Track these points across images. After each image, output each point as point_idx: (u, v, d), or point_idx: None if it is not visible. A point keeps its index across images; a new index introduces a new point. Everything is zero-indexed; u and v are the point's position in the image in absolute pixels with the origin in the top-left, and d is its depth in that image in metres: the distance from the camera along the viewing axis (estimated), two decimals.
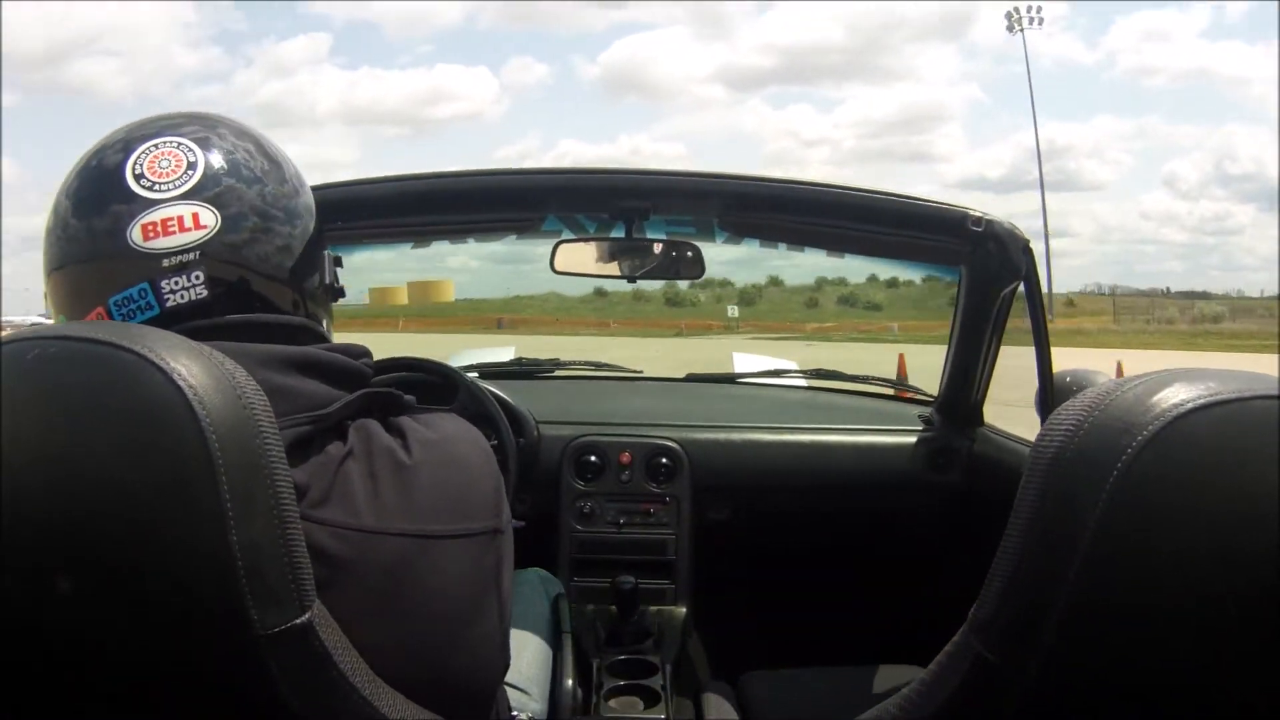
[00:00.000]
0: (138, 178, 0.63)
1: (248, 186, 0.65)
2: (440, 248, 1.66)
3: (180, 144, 0.65)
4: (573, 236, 1.62)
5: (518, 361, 2.30)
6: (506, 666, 0.72)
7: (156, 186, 0.62)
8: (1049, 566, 0.47)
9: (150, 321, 0.61)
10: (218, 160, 0.65)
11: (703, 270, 1.55)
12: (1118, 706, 0.49)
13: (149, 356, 0.48)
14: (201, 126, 0.67)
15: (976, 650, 0.50)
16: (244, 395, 0.50)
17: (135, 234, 0.61)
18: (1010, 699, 0.49)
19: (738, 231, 1.56)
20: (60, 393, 0.48)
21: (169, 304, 0.62)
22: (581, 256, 1.58)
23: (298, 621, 0.50)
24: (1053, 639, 0.47)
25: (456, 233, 1.55)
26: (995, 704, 0.50)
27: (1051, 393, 1.46)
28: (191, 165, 0.64)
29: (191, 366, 0.48)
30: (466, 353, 2.54)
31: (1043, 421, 0.52)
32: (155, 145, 0.64)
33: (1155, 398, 0.47)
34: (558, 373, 2.23)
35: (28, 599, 0.48)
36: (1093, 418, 0.48)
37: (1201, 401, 0.46)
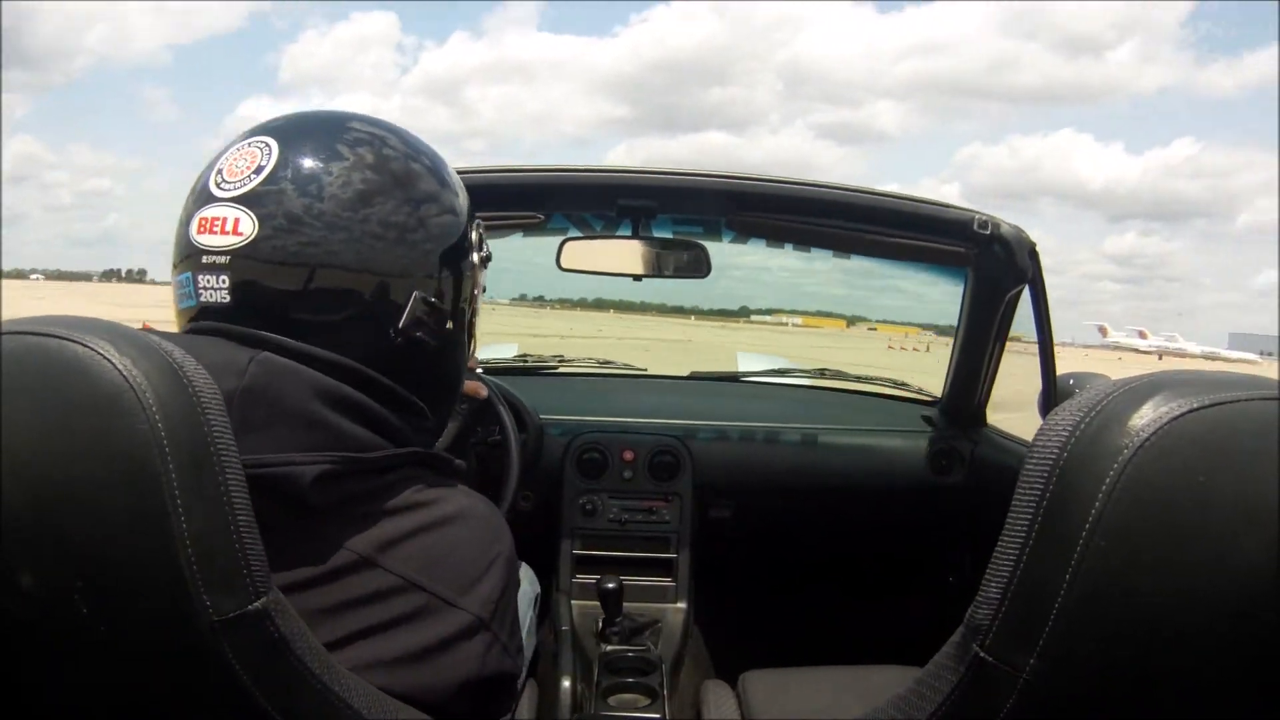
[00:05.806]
0: (217, 173, 0.63)
1: (311, 202, 0.61)
2: None
3: (265, 145, 0.63)
4: (579, 234, 1.63)
5: (522, 358, 2.31)
6: None
7: (224, 184, 0.62)
8: (1046, 568, 0.47)
9: (189, 310, 0.64)
10: (287, 169, 0.62)
11: (709, 270, 1.56)
12: (1114, 708, 0.49)
13: (96, 348, 0.49)
14: (300, 128, 0.64)
15: (974, 651, 0.50)
16: (192, 384, 0.50)
17: (193, 226, 0.63)
18: (1007, 700, 0.49)
19: (744, 232, 1.57)
20: (12, 385, 0.48)
21: (202, 298, 0.63)
22: (588, 254, 1.58)
23: (251, 607, 0.50)
24: (1049, 640, 0.47)
25: None
26: (992, 705, 0.50)
27: (1054, 394, 1.46)
28: (259, 169, 0.62)
29: (139, 358, 0.49)
30: None
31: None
32: (248, 143, 0.64)
33: (1152, 400, 0.47)
34: (561, 370, 2.24)
35: None
36: (1090, 419, 0.48)
37: (1198, 403, 0.46)
